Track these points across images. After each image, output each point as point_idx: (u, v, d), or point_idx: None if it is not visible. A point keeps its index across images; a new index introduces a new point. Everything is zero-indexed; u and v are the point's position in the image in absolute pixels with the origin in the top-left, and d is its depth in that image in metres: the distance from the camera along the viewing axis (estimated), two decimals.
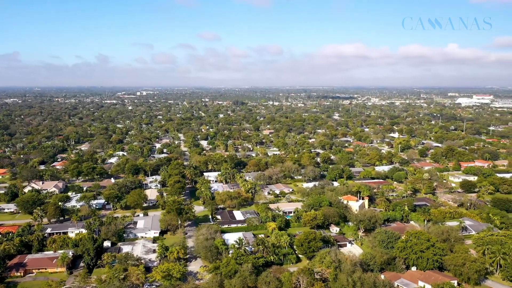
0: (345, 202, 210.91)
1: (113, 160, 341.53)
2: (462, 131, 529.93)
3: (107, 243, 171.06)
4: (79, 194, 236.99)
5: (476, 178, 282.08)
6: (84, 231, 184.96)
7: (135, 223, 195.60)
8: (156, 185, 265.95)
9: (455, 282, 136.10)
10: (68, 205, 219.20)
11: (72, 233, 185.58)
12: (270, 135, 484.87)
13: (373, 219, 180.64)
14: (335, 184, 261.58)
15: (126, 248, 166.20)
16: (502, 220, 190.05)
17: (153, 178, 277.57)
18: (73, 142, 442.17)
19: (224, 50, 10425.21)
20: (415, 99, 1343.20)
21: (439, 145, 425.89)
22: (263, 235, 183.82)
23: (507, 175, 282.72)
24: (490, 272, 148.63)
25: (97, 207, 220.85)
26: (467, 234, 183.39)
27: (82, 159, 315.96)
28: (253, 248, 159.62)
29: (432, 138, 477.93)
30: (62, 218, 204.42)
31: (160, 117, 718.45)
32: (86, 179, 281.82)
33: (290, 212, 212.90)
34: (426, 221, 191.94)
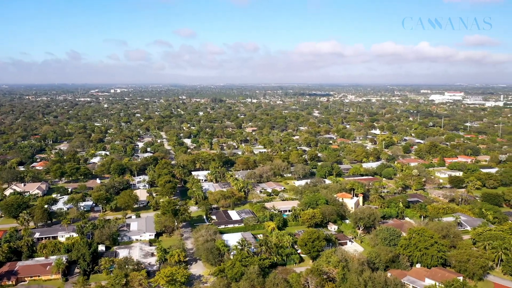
0: (340, 199, 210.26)
1: (95, 160, 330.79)
2: (441, 127, 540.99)
3: (101, 247, 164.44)
4: (65, 196, 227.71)
5: (461, 173, 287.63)
6: (75, 235, 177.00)
7: (128, 225, 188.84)
8: (145, 185, 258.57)
9: (460, 278, 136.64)
10: (54, 207, 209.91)
11: (62, 237, 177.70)
12: (254, 133, 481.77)
13: (372, 217, 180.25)
14: (327, 181, 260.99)
15: (122, 252, 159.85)
16: (495, 215, 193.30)
17: (140, 178, 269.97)
18: (51, 142, 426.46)
19: (200, 47, 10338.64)
20: (390, 96, 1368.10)
21: (421, 141, 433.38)
22: (261, 235, 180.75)
23: (490, 170, 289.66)
24: (491, 267, 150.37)
25: (85, 209, 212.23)
26: (463, 229, 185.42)
27: (64, 159, 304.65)
28: (255, 249, 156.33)
29: (413, 134, 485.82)
30: (50, 221, 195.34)
31: (139, 115, 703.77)
32: (69, 180, 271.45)
33: (286, 211, 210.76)
34: (422, 217, 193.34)
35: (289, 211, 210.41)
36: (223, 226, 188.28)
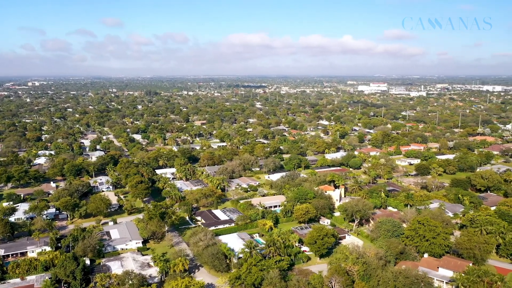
0: (325, 192, 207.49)
1: (40, 160, 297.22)
2: (381, 117, 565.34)
3: (86, 261, 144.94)
4: (20, 204, 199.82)
5: (419, 161, 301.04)
6: (47, 248, 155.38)
7: (108, 233, 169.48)
8: (108, 187, 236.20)
9: (470, 265, 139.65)
10: (12, 218, 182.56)
11: (33, 252, 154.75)
12: (205, 126, 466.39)
13: (367, 208, 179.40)
14: (302, 174, 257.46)
15: (114, 265, 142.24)
16: (471, 200, 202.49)
17: (101, 179, 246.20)
18: None
19: (127, 37, 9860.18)
20: (321, 87, 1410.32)
21: (370, 131, 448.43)
22: (257, 234, 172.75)
23: (444, 157, 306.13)
24: None
25: (48, 218, 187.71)
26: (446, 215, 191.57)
27: (5, 162, 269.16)
28: (263, 251, 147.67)
29: (359, 124, 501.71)
30: (11, 235, 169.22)
31: (70, 110, 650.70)
32: (17, 185, 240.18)
33: (271, 207, 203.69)
34: (409, 206, 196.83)
35: (275, 207, 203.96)
36: (213, 228, 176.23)
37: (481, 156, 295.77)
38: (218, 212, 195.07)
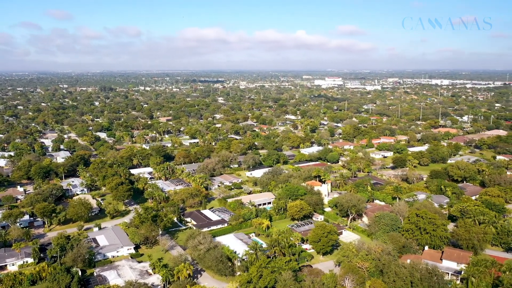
0: (314, 188, 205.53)
1: (0, 163, 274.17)
2: (345, 110, 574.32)
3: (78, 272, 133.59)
4: None
5: (391, 153, 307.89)
6: (30, 260, 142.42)
7: (95, 240, 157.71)
8: (82, 190, 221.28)
9: (471, 255, 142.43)
10: None
11: (13, 265, 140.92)
12: (171, 123, 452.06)
13: (360, 203, 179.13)
14: (284, 170, 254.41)
15: (111, 275, 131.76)
16: (453, 191, 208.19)
17: (75, 182, 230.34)
18: None
19: (75, 30, 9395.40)
20: (279, 82, 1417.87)
21: (338, 125, 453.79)
22: (253, 234, 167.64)
23: (415, 149, 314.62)
24: None
25: (22, 226, 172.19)
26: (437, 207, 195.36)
27: None
28: (267, 251, 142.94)
29: (325, 118, 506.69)
30: None
31: (21, 107, 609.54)
32: None
33: (261, 205, 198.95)
34: (398, 199, 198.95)
35: (264, 204, 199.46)
36: (206, 229, 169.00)
37: (450, 148, 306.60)
38: (208, 213, 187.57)
